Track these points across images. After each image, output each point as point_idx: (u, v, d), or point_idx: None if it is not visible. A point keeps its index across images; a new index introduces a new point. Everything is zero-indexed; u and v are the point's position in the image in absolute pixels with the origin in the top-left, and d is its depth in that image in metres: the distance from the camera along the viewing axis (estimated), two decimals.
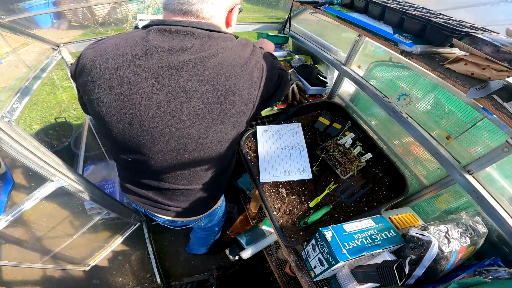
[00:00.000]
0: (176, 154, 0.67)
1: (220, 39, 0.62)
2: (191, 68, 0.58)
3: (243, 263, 1.71)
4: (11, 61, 1.31)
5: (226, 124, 0.66)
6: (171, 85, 0.58)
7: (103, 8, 2.26)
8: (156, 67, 0.57)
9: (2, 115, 0.77)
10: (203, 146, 0.67)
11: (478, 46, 0.58)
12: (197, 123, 0.62)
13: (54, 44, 1.29)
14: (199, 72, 0.59)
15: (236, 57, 0.63)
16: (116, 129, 0.62)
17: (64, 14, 1.76)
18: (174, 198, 0.82)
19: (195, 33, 0.59)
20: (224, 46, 0.62)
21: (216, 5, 0.62)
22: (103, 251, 1.73)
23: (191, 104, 0.60)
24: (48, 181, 0.95)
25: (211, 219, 1.13)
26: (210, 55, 0.60)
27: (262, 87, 0.69)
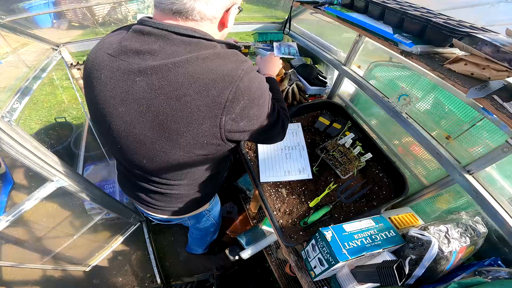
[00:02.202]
0: (137, 158, 0.66)
1: (197, 47, 0.56)
2: (148, 76, 0.53)
3: (243, 263, 1.71)
4: (11, 61, 1.31)
5: (182, 143, 0.59)
6: (126, 90, 0.55)
7: (103, 8, 2.26)
8: (119, 69, 0.55)
9: (2, 115, 0.77)
10: (159, 158, 0.63)
11: (478, 46, 0.58)
12: (149, 134, 0.58)
13: (54, 44, 1.29)
14: (155, 81, 0.53)
15: (205, 71, 0.53)
16: (95, 126, 0.65)
17: (64, 14, 1.76)
18: (150, 196, 0.82)
19: (169, 37, 0.55)
20: (197, 56, 0.54)
21: (210, 5, 0.56)
22: (104, 251, 1.73)
23: (142, 114, 0.55)
24: (48, 181, 0.95)
25: (199, 221, 1.12)
26: (175, 64, 0.53)
27: (237, 115, 0.56)
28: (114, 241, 1.78)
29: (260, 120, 0.63)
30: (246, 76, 0.56)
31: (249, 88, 0.57)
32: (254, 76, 0.60)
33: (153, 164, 0.66)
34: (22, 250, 1.64)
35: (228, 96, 0.54)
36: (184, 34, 0.56)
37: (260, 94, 0.61)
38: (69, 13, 1.96)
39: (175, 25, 0.55)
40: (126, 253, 1.81)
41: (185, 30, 0.56)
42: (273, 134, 0.73)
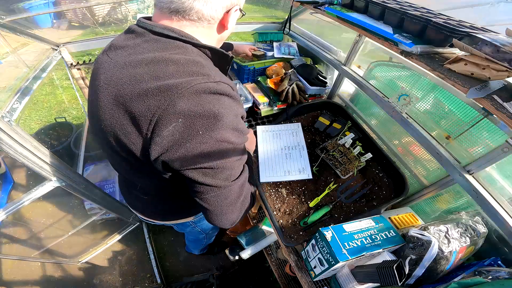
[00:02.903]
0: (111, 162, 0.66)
1: (165, 47, 0.51)
2: (104, 71, 0.51)
3: (243, 263, 1.71)
4: (11, 61, 1.31)
5: (125, 156, 0.53)
6: (95, 85, 0.53)
7: (103, 8, 2.26)
8: (99, 65, 0.55)
9: (2, 115, 0.77)
10: (118, 164, 0.62)
11: (478, 46, 0.58)
12: (106, 137, 0.54)
13: (54, 44, 1.29)
14: (107, 77, 0.50)
15: (152, 76, 0.46)
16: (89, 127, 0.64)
17: (64, 14, 1.76)
18: (133, 196, 0.83)
19: (145, 35, 0.53)
20: (153, 57, 0.48)
21: (209, 4, 0.52)
22: (99, 248, 1.75)
23: (100, 113, 0.52)
24: (47, 180, 0.95)
25: (184, 229, 1.10)
26: (129, 62, 0.49)
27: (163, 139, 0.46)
28: (110, 239, 1.79)
29: (200, 163, 0.48)
30: (196, 96, 0.45)
31: (191, 111, 0.44)
32: (212, 101, 0.46)
33: (124, 171, 0.66)
34: (21, 248, 1.65)
35: (156, 111, 0.44)
36: (158, 33, 0.52)
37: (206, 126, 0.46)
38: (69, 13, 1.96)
39: (156, 24, 0.53)
40: (126, 253, 1.81)
41: (162, 29, 0.52)
42: (223, 202, 0.55)
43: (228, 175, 0.53)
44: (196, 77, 0.47)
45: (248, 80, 1.43)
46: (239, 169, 0.56)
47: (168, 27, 0.53)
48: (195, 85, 0.46)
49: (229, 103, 0.50)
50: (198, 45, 0.55)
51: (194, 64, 0.50)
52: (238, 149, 0.54)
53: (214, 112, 0.46)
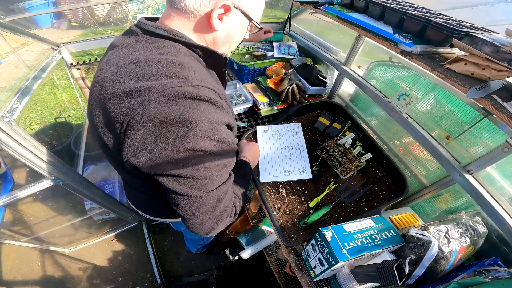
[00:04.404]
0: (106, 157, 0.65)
1: (155, 46, 0.51)
2: (99, 69, 0.53)
3: (243, 263, 1.71)
4: (11, 61, 1.31)
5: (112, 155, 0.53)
6: (92, 83, 0.55)
7: (103, 8, 2.26)
8: (100, 63, 0.57)
9: (2, 115, 0.77)
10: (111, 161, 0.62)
11: (478, 46, 0.58)
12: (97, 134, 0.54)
13: (54, 44, 1.29)
14: (98, 76, 0.52)
15: (131, 76, 0.46)
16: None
17: (64, 14, 1.76)
18: (129, 191, 0.83)
19: (138, 34, 0.53)
20: (140, 58, 0.48)
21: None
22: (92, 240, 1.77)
23: (90, 111, 0.53)
24: (45, 178, 0.95)
25: (179, 228, 1.11)
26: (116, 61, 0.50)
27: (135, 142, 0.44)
28: (105, 234, 1.81)
29: (169, 169, 0.46)
30: (168, 101, 0.43)
31: (162, 117, 0.42)
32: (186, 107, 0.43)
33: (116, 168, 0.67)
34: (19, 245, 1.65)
35: (127, 114, 0.43)
36: (150, 32, 0.52)
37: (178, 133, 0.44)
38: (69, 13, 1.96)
39: (151, 24, 0.53)
40: (126, 253, 1.81)
41: (154, 27, 0.52)
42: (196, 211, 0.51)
43: (202, 185, 0.49)
44: (173, 79, 0.45)
45: (248, 80, 1.43)
46: (217, 180, 0.52)
47: (160, 25, 0.52)
48: (168, 89, 0.43)
49: (207, 110, 0.46)
50: (188, 45, 0.53)
51: (175, 65, 0.47)
52: (216, 159, 0.50)
53: (187, 118, 0.43)
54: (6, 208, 1.63)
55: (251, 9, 0.57)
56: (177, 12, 0.53)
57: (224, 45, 0.61)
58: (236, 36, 0.60)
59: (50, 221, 1.79)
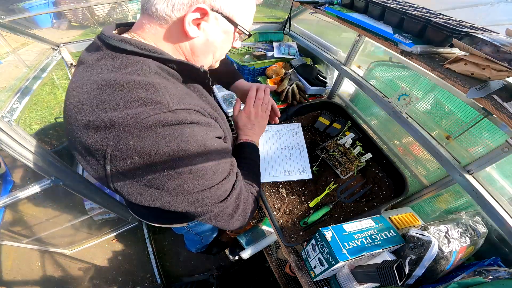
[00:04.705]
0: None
1: (122, 64, 0.44)
2: (68, 89, 0.47)
3: (243, 263, 1.71)
4: (11, 61, 1.31)
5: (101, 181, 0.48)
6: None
7: (103, 8, 2.26)
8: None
9: (2, 115, 0.77)
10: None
11: (478, 46, 0.58)
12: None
13: (54, 44, 1.29)
14: (66, 99, 0.46)
15: (97, 105, 0.40)
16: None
17: (64, 14, 1.76)
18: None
19: (102, 49, 0.46)
20: (104, 80, 0.42)
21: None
22: (92, 241, 1.77)
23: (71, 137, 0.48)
24: (45, 178, 0.95)
25: (180, 231, 1.13)
26: (80, 83, 0.44)
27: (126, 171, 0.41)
28: (105, 234, 1.81)
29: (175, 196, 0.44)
30: (147, 133, 0.39)
31: (146, 151, 0.39)
32: (168, 137, 0.40)
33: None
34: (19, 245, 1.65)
35: (107, 148, 0.39)
36: (114, 47, 0.45)
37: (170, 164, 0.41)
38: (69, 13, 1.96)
39: (114, 36, 0.46)
40: (126, 253, 1.81)
41: (118, 42, 0.45)
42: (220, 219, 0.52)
43: (215, 198, 0.48)
44: (145, 107, 0.39)
45: (248, 80, 1.44)
46: (226, 188, 0.50)
47: (126, 38, 0.45)
48: (142, 120, 0.38)
49: (192, 133, 0.42)
50: (159, 59, 0.46)
51: (146, 88, 0.41)
52: (218, 172, 0.48)
53: (173, 149, 0.40)
54: (6, 208, 1.63)
55: (236, 12, 0.49)
56: (149, 18, 0.47)
57: (205, 55, 0.54)
58: (219, 44, 0.53)
59: (50, 222, 1.80)
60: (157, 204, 0.45)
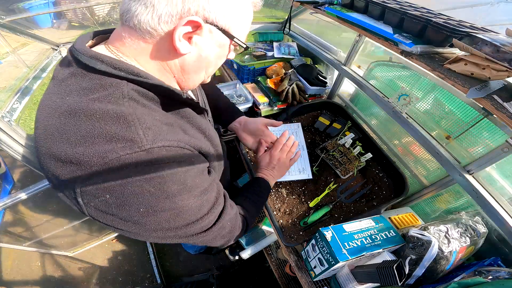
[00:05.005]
0: None
1: (92, 86, 0.38)
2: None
3: (243, 263, 1.71)
4: (11, 61, 1.31)
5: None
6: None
7: (103, 8, 2.26)
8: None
9: (2, 115, 0.77)
10: None
11: (478, 46, 0.58)
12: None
13: (54, 44, 1.29)
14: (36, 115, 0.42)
15: (62, 138, 0.35)
16: None
17: (64, 14, 1.76)
18: None
19: (72, 65, 0.40)
20: (71, 107, 0.37)
21: (149, 6, 0.37)
22: (93, 242, 1.76)
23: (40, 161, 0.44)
24: (45, 179, 0.95)
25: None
26: (47, 105, 0.39)
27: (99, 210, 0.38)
28: (106, 235, 1.80)
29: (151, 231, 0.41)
30: (116, 176, 0.35)
31: (117, 193, 0.36)
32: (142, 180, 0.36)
33: None
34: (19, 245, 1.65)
35: (75, 181, 0.36)
36: (84, 65, 0.39)
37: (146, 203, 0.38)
38: (69, 13, 1.96)
39: (85, 51, 0.39)
40: (126, 253, 1.81)
41: (88, 58, 0.39)
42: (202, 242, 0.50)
43: (198, 229, 0.46)
44: (114, 144, 0.35)
45: (248, 80, 1.43)
46: (211, 218, 0.48)
47: (97, 55, 0.39)
48: (111, 160, 0.34)
49: (171, 173, 0.38)
50: (136, 82, 0.40)
51: (116, 121, 0.36)
52: (202, 204, 0.45)
53: (149, 191, 0.37)
54: (6, 209, 1.63)
55: (232, 23, 0.43)
56: (129, 31, 0.40)
57: (197, 72, 0.48)
58: (213, 59, 0.47)
59: (51, 223, 1.79)
60: (138, 237, 0.43)
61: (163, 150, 0.38)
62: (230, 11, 0.41)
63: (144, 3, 0.37)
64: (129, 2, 0.38)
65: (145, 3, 0.37)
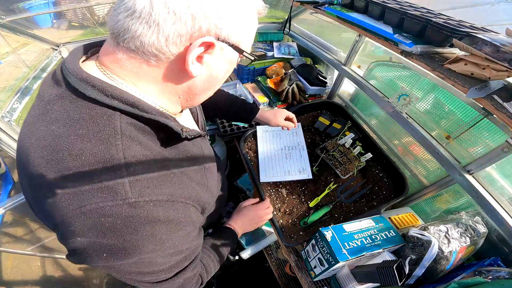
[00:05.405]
0: None
1: (76, 118, 0.33)
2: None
3: (243, 263, 1.71)
4: (11, 61, 1.31)
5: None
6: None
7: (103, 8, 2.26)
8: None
9: (2, 115, 0.77)
10: None
11: (478, 46, 0.58)
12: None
13: (54, 44, 1.29)
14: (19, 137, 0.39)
15: (45, 166, 0.32)
16: None
17: (64, 14, 1.76)
18: None
19: (61, 86, 0.35)
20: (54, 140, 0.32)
21: (154, 26, 0.32)
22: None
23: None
24: None
25: None
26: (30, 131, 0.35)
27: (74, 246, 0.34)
28: None
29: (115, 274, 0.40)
30: (92, 225, 0.32)
31: (86, 238, 0.33)
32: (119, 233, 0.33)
33: None
34: (19, 245, 1.65)
35: (51, 214, 0.33)
36: (73, 88, 0.33)
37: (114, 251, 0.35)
38: (69, 13, 1.96)
39: (76, 71, 0.34)
40: None
41: (78, 81, 0.33)
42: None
43: (146, 278, 0.42)
44: (96, 193, 0.32)
45: (248, 80, 1.44)
46: (168, 274, 0.44)
47: (87, 78, 0.33)
48: (89, 212, 0.32)
49: (152, 234, 0.36)
50: (132, 114, 0.35)
51: (102, 166, 0.32)
52: (171, 267, 0.43)
53: (123, 246, 0.34)
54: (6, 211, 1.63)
55: (242, 37, 0.39)
56: (129, 54, 0.35)
57: (205, 92, 0.44)
58: (223, 76, 0.44)
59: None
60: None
61: (150, 205, 0.35)
62: (240, 25, 0.38)
63: (146, 21, 0.32)
64: (124, 20, 0.32)
65: (148, 21, 0.32)
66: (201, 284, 0.56)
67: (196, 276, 0.52)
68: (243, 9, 0.37)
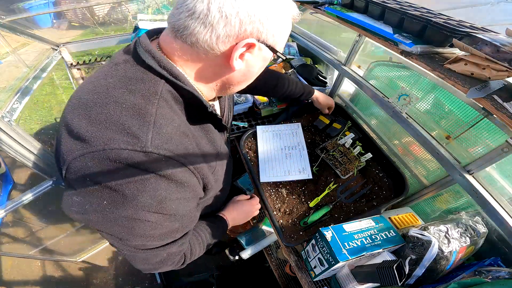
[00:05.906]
0: None
1: (131, 77, 0.41)
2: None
3: (243, 263, 1.71)
4: (11, 61, 1.31)
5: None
6: None
7: (103, 8, 2.26)
8: None
9: (2, 115, 0.77)
10: None
11: (478, 46, 0.58)
12: None
13: (54, 44, 1.29)
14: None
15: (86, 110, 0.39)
16: None
17: (64, 14, 1.76)
18: None
19: (129, 54, 0.44)
20: (107, 90, 0.40)
21: (208, 27, 0.39)
22: (97, 247, 1.75)
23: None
24: (46, 180, 0.95)
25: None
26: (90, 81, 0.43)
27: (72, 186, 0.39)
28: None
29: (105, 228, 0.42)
30: (109, 165, 0.36)
31: (97, 178, 0.37)
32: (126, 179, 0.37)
33: None
34: (19, 246, 1.65)
35: (69, 155, 0.38)
36: (138, 56, 0.42)
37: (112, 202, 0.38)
38: (69, 13, 1.96)
39: (146, 44, 0.43)
40: None
41: (144, 51, 0.42)
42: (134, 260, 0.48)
43: (140, 245, 0.45)
44: (121, 136, 0.37)
45: None
46: (161, 242, 0.46)
47: (152, 50, 0.42)
48: (110, 150, 0.36)
49: (154, 188, 0.38)
50: (174, 84, 0.43)
51: (136, 116, 0.38)
52: (161, 228, 0.44)
53: (123, 191, 0.37)
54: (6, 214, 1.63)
55: (279, 40, 0.46)
56: (183, 46, 0.42)
57: (240, 84, 0.51)
58: (256, 72, 0.50)
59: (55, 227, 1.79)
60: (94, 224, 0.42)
61: (162, 159, 0.39)
62: (278, 29, 0.44)
63: (203, 22, 0.38)
64: (185, 19, 0.39)
65: (204, 22, 0.38)
66: (182, 264, 0.58)
67: (180, 254, 0.54)
68: (282, 16, 0.43)
